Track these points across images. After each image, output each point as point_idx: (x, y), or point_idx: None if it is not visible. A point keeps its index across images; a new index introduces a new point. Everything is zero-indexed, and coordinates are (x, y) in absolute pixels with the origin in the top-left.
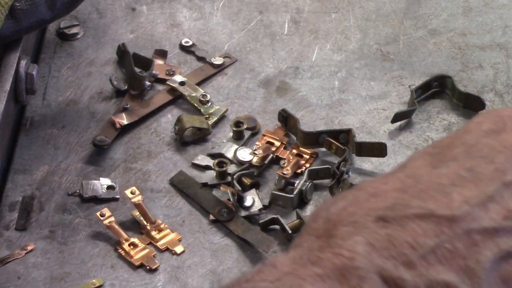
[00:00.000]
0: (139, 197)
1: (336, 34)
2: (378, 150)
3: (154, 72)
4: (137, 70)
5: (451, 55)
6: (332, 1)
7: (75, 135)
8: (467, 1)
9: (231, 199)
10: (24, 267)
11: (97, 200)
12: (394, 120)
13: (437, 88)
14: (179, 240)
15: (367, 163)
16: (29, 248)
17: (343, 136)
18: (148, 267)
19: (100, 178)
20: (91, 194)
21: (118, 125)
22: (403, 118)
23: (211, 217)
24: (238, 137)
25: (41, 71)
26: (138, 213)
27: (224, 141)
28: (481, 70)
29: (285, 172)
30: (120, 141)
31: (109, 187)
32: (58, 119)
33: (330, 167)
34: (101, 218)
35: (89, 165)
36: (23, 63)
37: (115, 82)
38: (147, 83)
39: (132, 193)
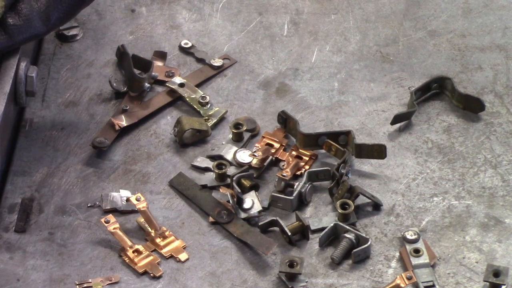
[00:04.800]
0: (144, 204)
1: (336, 36)
2: (377, 151)
3: (153, 73)
4: (136, 71)
5: (451, 56)
6: (332, 3)
7: (74, 137)
8: (466, 3)
9: (231, 201)
10: (23, 269)
11: (117, 212)
12: (393, 122)
13: (436, 90)
14: (184, 248)
15: (366, 165)
16: (114, 280)
17: (343, 137)
18: (152, 275)
19: (120, 190)
20: (110, 206)
21: (117, 127)
22: (403, 119)
23: (211, 219)
24: (237, 139)
25: (41, 72)
26: (143, 219)
27: (223, 143)
28: (480, 72)
29: (284, 174)
30: (120, 143)
31: (129, 200)
32: (57, 120)
33: (329, 169)
34: (106, 224)
35: (89, 167)
36: (22, 65)
37: (114, 84)
38: (147, 84)
39: (137, 199)
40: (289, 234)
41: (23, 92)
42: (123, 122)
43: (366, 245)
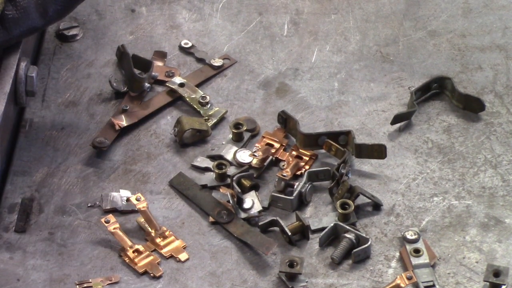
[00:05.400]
0: (144, 204)
1: (336, 36)
2: (377, 151)
3: (153, 73)
4: (136, 71)
5: (451, 56)
6: (332, 3)
7: (74, 137)
8: (466, 2)
9: (231, 201)
10: (23, 269)
11: (117, 212)
12: (393, 122)
13: (436, 90)
14: (184, 248)
15: (366, 165)
16: (114, 280)
17: (343, 137)
18: (152, 275)
19: (120, 190)
20: (110, 206)
21: (117, 127)
22: (403, 119)
23: (211, 219)
24: (237, 139)
25: (41, 72)
26: (143, 219)
27: (223, 142)
28: (480, 72)
29: (284, 174)
30: (120, 143)
31: (129, 199)
32: (57, 120)
33: (329, 169)
34: (106, 224)
35: (89, 167)
36: (22, 65)
37: (114, 84)
38: (147, 84)
39: (137, 199)
40: (289, 234)
41: (23, 92)
42: (123, 122)
43: (366, 245)
